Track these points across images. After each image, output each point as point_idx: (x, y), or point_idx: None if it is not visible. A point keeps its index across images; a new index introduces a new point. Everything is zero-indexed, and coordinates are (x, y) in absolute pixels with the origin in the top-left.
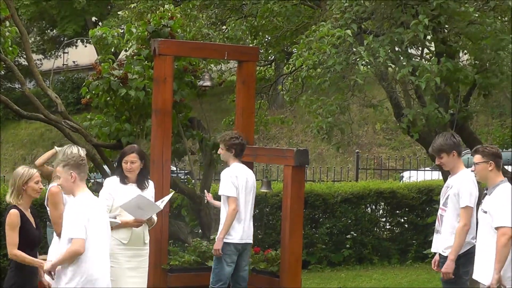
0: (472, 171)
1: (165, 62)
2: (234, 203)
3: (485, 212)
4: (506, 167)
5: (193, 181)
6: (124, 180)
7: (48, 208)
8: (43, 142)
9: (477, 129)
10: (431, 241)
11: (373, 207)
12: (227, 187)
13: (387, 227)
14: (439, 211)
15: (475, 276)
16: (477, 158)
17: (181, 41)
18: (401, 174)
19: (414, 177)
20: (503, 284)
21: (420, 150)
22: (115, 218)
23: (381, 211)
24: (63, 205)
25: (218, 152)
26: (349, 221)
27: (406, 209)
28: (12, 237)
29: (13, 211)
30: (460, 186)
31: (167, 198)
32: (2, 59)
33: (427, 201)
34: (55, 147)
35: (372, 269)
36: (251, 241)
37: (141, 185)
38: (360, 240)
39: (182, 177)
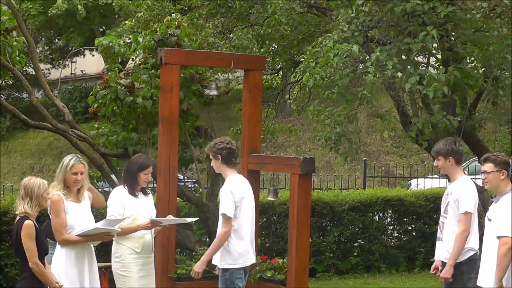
0: (482, 179)
1: (171, 71)
2: (230, 224)
3: (490, 220)
4: None
5: (200, 189)
6: (134, 192)
7: (50, 216)
8: (51, 151)
9: (484, 137)
10: None
11: (381, 215)
12: (227, 205)
13: (395, 235)
14: (441, 219)
15: (479, 282)
16: (489, 167)
17: (188, 50)
18: (409, 181)
19: (422, 184)
20: None
21: (428, 158)
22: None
23: (388, 219)
24: (64, 212)
25: (211, 165)
26: (357, 229)
27: (414, 216)
28: (32, 248)
29: (29, 222)
30: (460, 192)
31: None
32: (9, 68)
33: (434, 208)
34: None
35: (380, 277)
36: (255, 261)
37: (144, 192)
38: (368, 248)
39: (190, 185)
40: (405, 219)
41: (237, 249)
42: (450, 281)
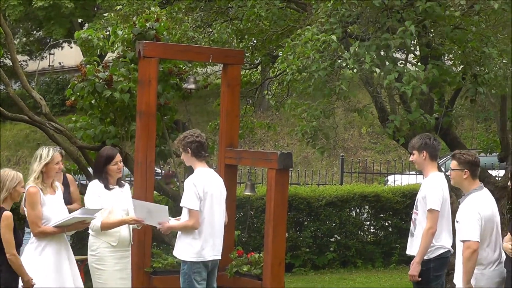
0: (448, 175)
1: (149, 64)
2: (196, 217)
3: (457, 222)
4: (490, 171)
5: (177, 183)
6: (108, 185)
7: (25, 209)
8: (28, 143)
9: (462, 134)
10: None
11: (358, 210)
12: (189, 198)
13: (371, 230)
14: (413, 215)
15: (454, 280)
16: (453, 164)
17: (166, 43)
18: (386, 178)
19: (399, 181)
20: None
21: (405, 154)
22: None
23: (365, 215)
24: (41, 205)
25: (181, 158)
26: (333, 224)
27: (390, 212)
28: (11, 239)
29: (8, 213)
30: (427, 189)
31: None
32: None
33: (411, 205)
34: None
35: (356, 272)
36: (220, 257)
37: (120, 184)
38: (344, 244)
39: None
40: (381, 215)
41: (195, 243)
42: (418, 279)
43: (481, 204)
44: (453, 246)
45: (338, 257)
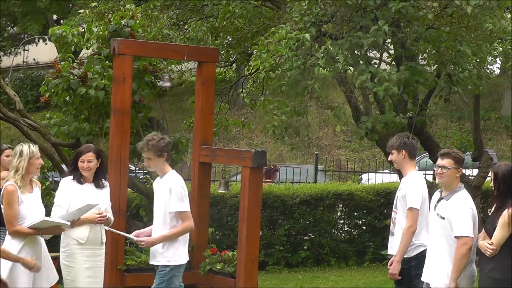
0: (438, 173)
1: (124, 61)
2: (191, 218)
3: (443, 218)
4: (463, 170)
5: (152, 181)
6: (80, 180)
7: (2, 206)
8: (2, 140)
9: (436, 133)
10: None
11: (331, 208)
12: (182, 201)
13: (345, 229)
14: (393, 214)
15: (423, 278)
16: (450, 163)
17: (141, 41)
18: (360, 176)
19: (373, 179)
20: None
21: (380, 153)
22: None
23: (339, 213)
24: (18, 203)
25: (146, 164)
26: (307, 222)
27: (364, 211)
28: None
29: None
30: (407, 188)
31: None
32: None
33: (385, 203)
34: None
35: (330, 270)
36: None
37: (97, 184)
38: (318, 242)
39: (141, 176)
40: (355, 214)
41: (181, 246)
42: (398, 278)
43: (471, 202)
44: None
45: (312, 255)
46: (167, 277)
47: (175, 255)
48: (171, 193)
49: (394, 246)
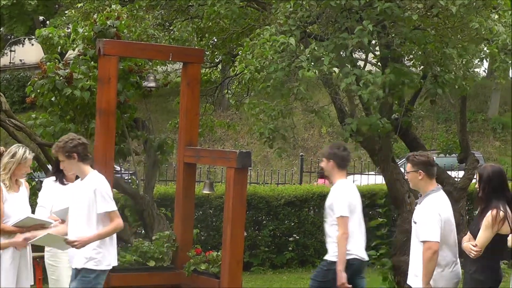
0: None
1: (109, 62)
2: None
3: (415, 222)
4: (449, 172)
5: (137, 181)
6: (62, 180)
7: None
8: None
9: (422, 134)
10: (374, 246)
11: (316, 210)
12: (110, 201)
13: None
14: (325, 224)
15: (408, 281)
16: (408, 167)
17: (126, 41)
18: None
19: (359, 181)
20: None
21: (365, 154)
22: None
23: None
24: (3, 202)
25: (61, 167)
26: (292, 223)
27: None
28: None
29: None
30: (333, 198)
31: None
32: None
33: (370, 205)
34: None
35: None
36: None
37: None
38: (303, 243)
39: (127, 177)
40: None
41: (111, 249)
42: (348, 286)
43: (440, 205)
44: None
45: (297, 256)
46: (91, 285)
47: (104, 259)
48: (95, 194)
49: (329, 252)
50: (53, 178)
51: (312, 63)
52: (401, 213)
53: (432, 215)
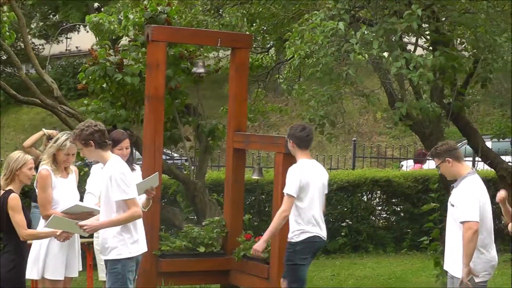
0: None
1: (158, 48)
2: (138, 205)
3: (452, 205)
4: (503, 157)
5: (188, 167)
6: None
7: (36, 190)
8: (44, 126)
9: (478, 119)
10: (426, 230)
11: (369, 195)
12: (127, 188)
13: (383, 215)
14: None
15: (445, 267)
16: (436, 161)
17: (174, 27)
18: (401, 163)
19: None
20: (474, 275)
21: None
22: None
23: (377, 200)
24: (52, 188)
25: (81, 155)
26: (345, 209)
27: (402, 197)
28: (20, 219)
29: (14, 195)
30: (288, 175)
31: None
32: None
33: (423, 190)
34: (43, 129)
35: (367, 257)
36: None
37: (129, 168)
38: (356, 228)
39: (179, 163)
40: (393, 200)
41: (132, 236)
42: (260, 255)
43: (478, 188)
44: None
45: (349, 242)
46: (120, 275)
47: (126, 246)
48: (111, 181)
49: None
50: (101, 164)
51: (363, 48)
52: None
53: (471, 197)
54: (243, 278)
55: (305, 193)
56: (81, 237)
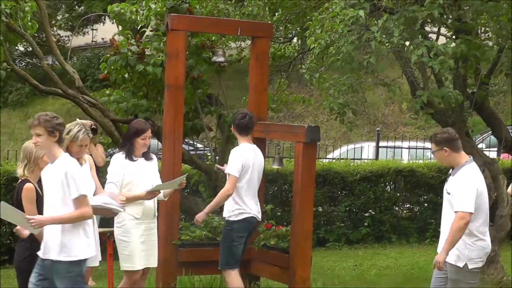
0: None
1: (177, 37)
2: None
3: (449, 193)
4: None
5: (210, 157)
6: (131, 156)
7: None
8: (70, 117)
9: (504, 109)
10: None
11: (392, 185)
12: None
13: (406, 205)
14: None
15: (439, 250)
16: (432, 146)
17: (194, 16)
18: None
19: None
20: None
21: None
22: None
23: (400, 190)
24: None
25: (33, 142)
26: (368, 199)
27: (426, 188)
28: (32, 211)
29: (30, 185)
30: (231, 155)
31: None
32: (21, 34)
33: (445, 180)
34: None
35: (390, 247)
36: None
37: (147, 157)
38: (379, 219)
39: (202, 153)
40: (416, 190)
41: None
42: (200, 224)
43: (476, 177)
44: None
45: (373, 232)
46: (72, 278)
47: (74, 248)
48: (67, 178)
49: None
50: (121, 153)
51: (383, 36)
52: None
53: (469, 187)
54: (264, 268)
55: (245, 174)
56: (101, 226)
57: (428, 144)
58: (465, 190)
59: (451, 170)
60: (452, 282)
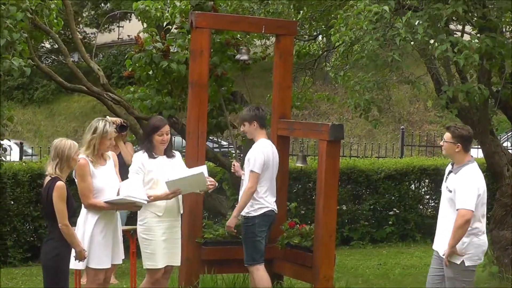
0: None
1: (201, 34)
2: None
3: (450, 191)
4: None
5: (234, 154)
6: (152, 154)
7: (76, 180)
8: (95, 114)
9: None
10: None
11: (417, 184)
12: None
13: (431, 204)
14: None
15: (434, 246)
16: (447, 136)
17: (218, 14)
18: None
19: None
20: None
21: None
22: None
23: (425, 188)
24: (91, 177)
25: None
26: (392, 197)
27: None
28: (63, 209)
29: (61, 184)
30: (252, 152)
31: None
32: (47, 31)
33: None
34: (107, 117)
35: (415, 246)
36: None
37: (169, 155)
38: (403, 217)
39: (226, 151)
40: (441, 189)
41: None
42: (233, 231)
43: (478, 177)
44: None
45: (397, 230)
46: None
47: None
48: None
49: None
50: (142, 151)
51: (408, 32)
52: (500, 187)
53: (471, 185)
54: (287, 267)
55: (266, 170)
56: (125, 224)
57: None
58: (468, 188)
59: (450, 167)
60: (449, 280)
